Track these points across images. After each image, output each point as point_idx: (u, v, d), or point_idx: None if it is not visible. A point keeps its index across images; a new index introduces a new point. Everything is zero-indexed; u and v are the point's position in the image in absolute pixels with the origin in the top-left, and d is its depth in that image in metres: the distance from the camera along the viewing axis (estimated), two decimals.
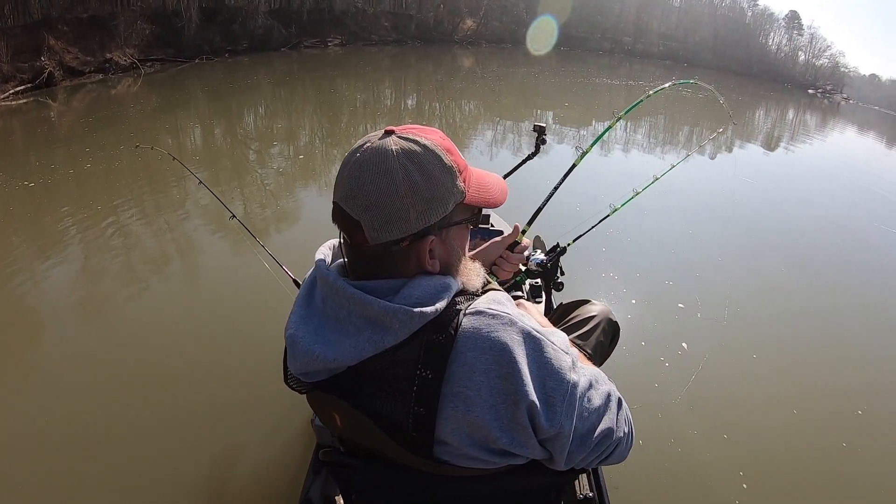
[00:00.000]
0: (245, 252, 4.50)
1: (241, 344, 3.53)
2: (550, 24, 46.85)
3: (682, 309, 4.30)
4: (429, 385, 0.86)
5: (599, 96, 21.22)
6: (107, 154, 7.92)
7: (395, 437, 0.90)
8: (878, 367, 3.94)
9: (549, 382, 0.89)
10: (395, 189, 0.86)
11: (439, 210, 0.91)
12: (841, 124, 29.30)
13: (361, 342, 0.86)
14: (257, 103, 13.71)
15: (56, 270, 4.47)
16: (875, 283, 5.55)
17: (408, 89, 19.61)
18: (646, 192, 2.47)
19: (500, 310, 0.91)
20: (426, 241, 0.91)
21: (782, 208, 7.99)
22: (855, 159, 16.21)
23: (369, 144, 0.90)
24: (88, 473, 2.58)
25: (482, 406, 0.86)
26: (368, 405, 0.91)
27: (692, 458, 2.82)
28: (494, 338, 0.87)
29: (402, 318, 0.84)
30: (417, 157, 0.88)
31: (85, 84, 14.98)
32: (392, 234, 0.88)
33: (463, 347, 0.87)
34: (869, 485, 2.82)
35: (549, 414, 0.88)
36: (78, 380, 3.21)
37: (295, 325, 0.94)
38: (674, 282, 4.72)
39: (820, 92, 56.58)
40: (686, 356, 3.65)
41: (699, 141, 3.06)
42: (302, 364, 0.92)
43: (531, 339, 0.89)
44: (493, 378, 0.86)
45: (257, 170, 7.63)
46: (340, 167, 0.92)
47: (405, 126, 0.94)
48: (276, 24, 26.76)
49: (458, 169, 0.94)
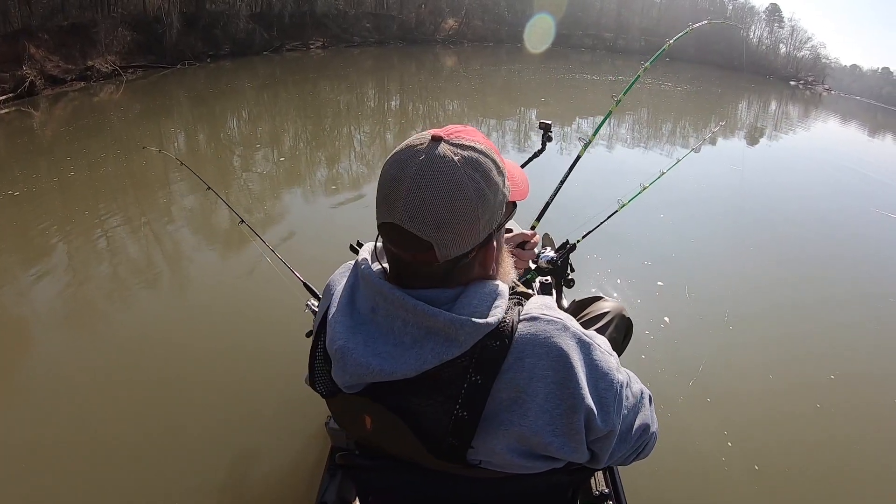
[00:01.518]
0: (253, 256, 4.55)
1: (251, 349, 3.54)
2: (547, 21, 47.06)
3: (670, 297, 4.47)
4: (477, 390, 0.84)
5: (582, 92, 21.34)
6: (90, 161, 7.94)
7: (429, 442, 0.88)
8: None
9: (601, 384, 0.90)
10: (468, 204, 0.82)
11: (500, 214, 0.89)
12: (823, 115, 29.63)
13: (424, 354, 0.83)
14: (241, 107, 13.72)
15: (52, 280, 4.48)
16: (865, 265, 5.87)
17: (391, 90, 19.62)
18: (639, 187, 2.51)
19: (553, 315, 0.91)
20: (490, 247, 0.91)
21: (773, 199, 8.18)
22: (839, 148, 16.52)
23: (424, 155, 0.83)
24: (104, 483, 2.59)
25: (536, 412, 0.85)
26: (405, 407, 0.89)
27: (700, 451, 2.90)
28: (552, 343, 0.86)
29: (469, 329, 0.82)
30: (480, 165, 0.84)
31: (67, 92, 14.91)
32: (464, 248, 0.85)
33: (520, 353, 0.86)
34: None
35: (603, 415, 0.89)
36: (91, 389, 3.21)
37: (343, 336, 0.89)
38: (664, 274, 4.83)
39: (802, 83, 57.12)
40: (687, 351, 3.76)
41: (702, 134, 3.11)
42: (354, 377, 0.88)
43: (583, 344, 0.90)
44: (550, 384, 0.85)
45: (242, 174, 7.68)
46: (386, 181, 0.85)
47: (448, 129, 0.88)
48: (257, 28, 26.67)
49: (504, 168, 0.92)
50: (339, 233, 5.09)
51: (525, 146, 10.52)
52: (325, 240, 5.09)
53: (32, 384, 3.30)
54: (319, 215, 6.00)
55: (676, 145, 10.18)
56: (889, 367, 3.91)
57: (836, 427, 3.20)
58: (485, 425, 0.86)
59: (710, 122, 16.52)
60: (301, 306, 2.45)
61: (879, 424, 3.28)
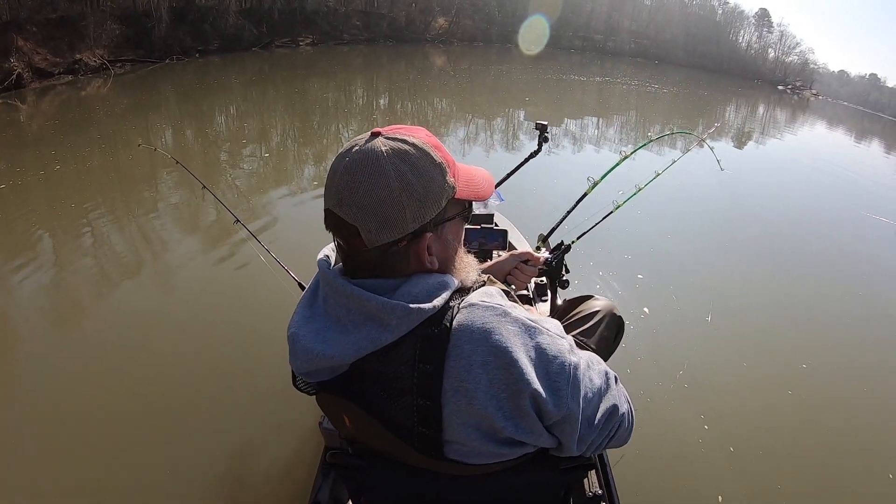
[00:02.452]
0: (245, 254, 4.58)
1: (247, 347, 3.55)
2: (542, 23, 47.24)
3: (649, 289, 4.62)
4: (429, 377, 0.87)
5: (570, 94, 21.50)
6: (76, 155, 7.94)
7: (402, 436, 0.92)
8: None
9: (552, 367, 0.89)
10: (389, 190, 0.86)
11: (434, 207, 0.91)
12: (811, 120, 30.03)
13: (360, 339, 0.87)
14: (229, 104, 13.75)
15: (37, 274, 4.47)
16: (844, 264, 6.11)
17: (380, 88, 19.68)
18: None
19: (493, 301, 0.92)
20: (424, 239, 0.92)
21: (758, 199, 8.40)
22: (825, 151, 16.79)
23: (357, 148, 0.89)
24: (94, 481, 2.58)
25: (483, 397, 0.86)
26: (373, 406, 0.93)
27: (679, 437, 3.01)
28: (489, 328, 0.87)
29: (399, 314, 0.85)
30: (408, 156, 0.88)
31: (54, 86, 14.86)
32: (389, 235, 0.88)
33: (458, 340, 0.87)
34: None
35: (555, 399, 0.89)
36: (81, 387, 3.20)
37: (297, 324, 0.95)
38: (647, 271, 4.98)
39: (790, 88, 57.63)
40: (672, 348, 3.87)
41: (698, 135, 3.18)
42: (302, 362, 0.92)
43: (526, 328, 0.90)
44: (492, 369, 0.86)
45: (229, 171, 7.68)
46: (329, 173, 0.92)
47: (390, 127, 0.94)
48: (246, 24, 26.58)
49: (447, 165, 0.94)
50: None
51: (513, 145, 10.69)
52: (320, 238, 5.05)
53: (21, 379, 3.32)
54: (310, 213, 6.02)
55: (665, 146, 10.28)
56: (859, 356, 4.14)
57: (806, 412, 3.38)
58: (445, 413, 0.88)
59: (697, 126, 16.70)
60: (295, 305, 2.44)
61: (846, 410, 3.47)
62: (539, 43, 45.20)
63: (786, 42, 68.32)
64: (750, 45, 68.09)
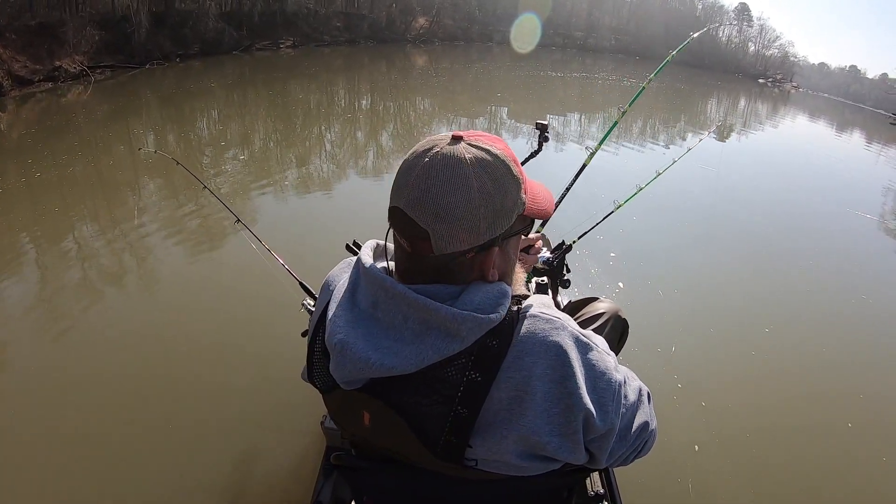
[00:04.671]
0: (246, 255, 4.43)
1: (246, 348, 3.56)
2: (533, 21, 47.32)
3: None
4: (476, 388, 0.84)
5: (551, 90, 21.65)
6: (56, 162, 7.91)
7: (427, 441, 0.89)
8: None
9: (600, 384, 0.89)
10: (469, 199, 0.83)
11: (506, 222, 0.89)
12: (792, 112, 30.38)
13: (423, 349, 0.83)
14: (210, 107, 13.77)
15: (29, 281, 4.50)
16: (832, 259, 6.34)
17: (361, 89, 19.75)
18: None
19: (552, 314, 0.90)
20: (492, 252, 0.89)
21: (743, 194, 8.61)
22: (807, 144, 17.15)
23: (438, 150, 0.86)
24: (96, 484, 2.59)
25: (535, 411, 0.85)
26: (404, 403, 0.89)
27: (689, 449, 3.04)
28: (551, 342, 0.86)
29: (470, 325, 0.82)
30: (490, 166, 0.86)
31: (34, 93, 14.76)
32: (460, 245, 0.85)
33: (519, 352, 0.85)
34: None
35: (601, 415, 0.88)
36: (82, 388, 3.21)
37: (343, 330, 0.89)
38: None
39: (770, 81, 58.25)
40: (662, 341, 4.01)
41: (697, 135, 3.20)
42: (353, 371, 0.87)
43: (581, 344, 0.89)
44: (548, 382, 0.85)
45: (212, 176, 7.65)
46: (402, 169, 0.88)
47: (472, 132, 0.90)
48: (226, 27, 26.50)
49: (522, 179, 0.92)
50: (333, 232, 5.22)
51: (543, 146, 10.67)
52: (319, 239, 5.20)
53: (21, 381, 3.31)
54: (303, 213, 6.11)
55: (659, 144, 10.47)
56: (853, 351, 4.37)
57: (767, 369, 3.71)
58: (484, 424, 0.86)
59: (679, 121, 16.92)
60: (297, 305, 2.51)
61: (856, 406, 3.63)
62: (531, 41, 45.29)
63: (766, 36, 69.17)
64: (730, 40, 68.70)
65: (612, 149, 11.02)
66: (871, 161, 16.98)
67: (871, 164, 16.30)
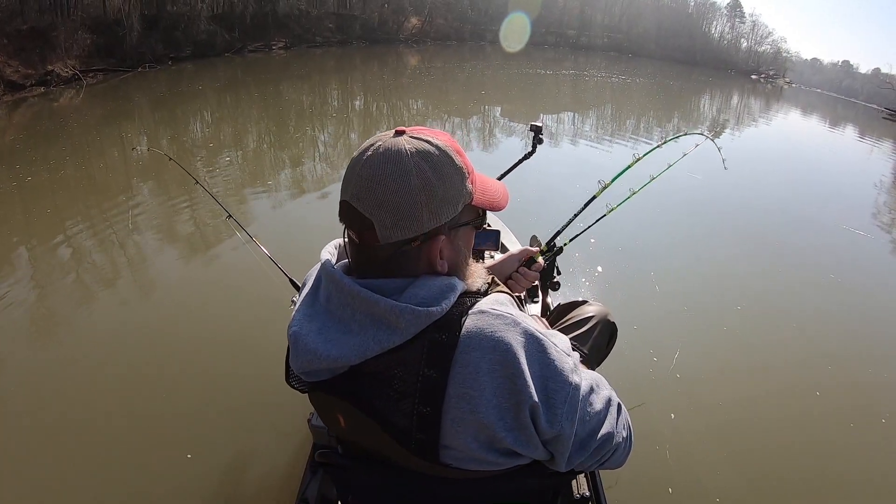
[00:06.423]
0: (238, 252, 4.63)
1: (235, 344, 3.57)
2: (522, 20, 47.32)
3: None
4: (434, 384, 0.86)
5: (545, 88, 21.69)
6: (47, 166, 7.90)
7: (400, 439, 0.90)
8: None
9: (551, 384, 0.89)
10: (409, 188, 0.86)
11: (450, 210, 0.91)
12: (785, 108, 30.49)
13: (366, 341, 0.85)
14: (203, 109, 13.77)
15: (23, 281, 4.48)
16: (825, 257, 6.33)
17: (354, 90, 19.77)
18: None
19: (503, 310, 0.91)
20: (437, 241, 0.92)
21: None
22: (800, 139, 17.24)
23: (381, 143, 0.89)
24: (82, 483, 2.60)
25: (486, 406, 0.86)
26: (372, 406, 0.91)
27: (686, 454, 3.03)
28: (498, 338, 0.86)
29: (408, 317, 0.84)
30: (431, 156, 0.89)
31: (27, 98, 14.72)
32: (404, 233, 0.88)
33: (466, 347, 0.86)
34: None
35: (549, 416, 0.88)
36: (70, 386, 3.22)
37: (298, 322, 0.93)
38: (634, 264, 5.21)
39: (763, 77, 58.44)
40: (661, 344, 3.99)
41: (692, 133, 3.28)
42: (304, 362, 0.90)
43: (534, 340, 0.89)
44: (497, 378, 0.85)
45: (205, 176, 7.63)
46: (350, 165, 0.92)
47: (415, 127, 0.94)
48: (218, 29, 26.52)
49: (467, 171, 0.95)
50: (322, 230, 5.08)
51: (489, 143, 10.95)
52: (309, 237, 5.19)
53: (10, 384, 3.31)
54: (296, 214, 6.13)
55: (642, 143, 10.50)
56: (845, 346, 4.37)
57: (801, 404, 3.56)
58: (446, 419, 0.87)
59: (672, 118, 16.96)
60: (287, 302, 2.52)
61: (849, 398, 3.68)
62: (521, 40, 45.34)
63: (758, 32, 69.43)
64: (722, 36, 69.00)
65: (605, 147, 11.09)
66: (863, 155, 17.03)
67: (863, 158, 16.34)
